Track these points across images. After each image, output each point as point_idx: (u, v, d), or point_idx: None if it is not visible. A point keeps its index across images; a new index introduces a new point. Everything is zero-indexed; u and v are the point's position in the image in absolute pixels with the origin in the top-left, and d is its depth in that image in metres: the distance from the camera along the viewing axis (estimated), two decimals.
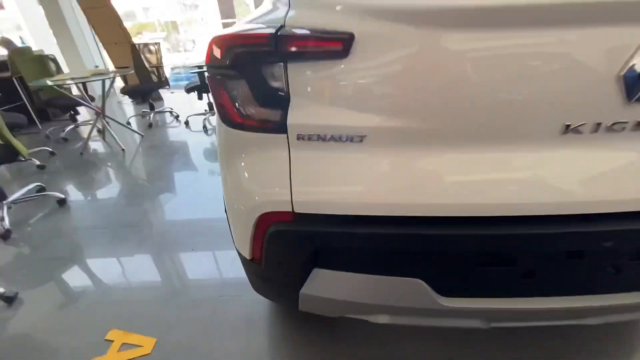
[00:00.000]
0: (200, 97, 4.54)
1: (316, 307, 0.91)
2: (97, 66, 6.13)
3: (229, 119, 0.78)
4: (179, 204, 2.53)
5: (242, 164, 0.80)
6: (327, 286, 0.83)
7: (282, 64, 0.69)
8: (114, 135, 3.84)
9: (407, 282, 0.78)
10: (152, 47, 4.85)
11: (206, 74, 0.84)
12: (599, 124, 0.61)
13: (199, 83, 4.31)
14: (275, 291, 0.93)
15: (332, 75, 0.66)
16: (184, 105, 5.50)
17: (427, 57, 0.62)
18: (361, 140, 0.68)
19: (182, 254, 1.94)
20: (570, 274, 0.76)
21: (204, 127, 4.35)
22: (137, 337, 1.42)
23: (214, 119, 1.03)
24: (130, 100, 6.12)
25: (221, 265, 1.82)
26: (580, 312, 0.80)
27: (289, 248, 0.78)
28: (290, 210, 0.73)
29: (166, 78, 4.82)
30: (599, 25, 0.56)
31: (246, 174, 0.79)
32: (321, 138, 0.70)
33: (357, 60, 0.64)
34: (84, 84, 3.92)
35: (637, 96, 0.57)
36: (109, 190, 2.87)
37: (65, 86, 3.59)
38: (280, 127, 0.71)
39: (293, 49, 0.67)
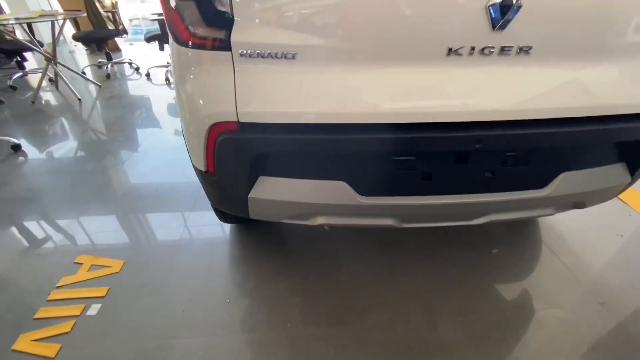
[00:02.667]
0: (161, 48, 4.35)
1: (263, 212, 1.08)
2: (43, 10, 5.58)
3: (180, 38, 0.87)
4: (146, 147, 2.56)
5: (193, 80, 0.91)
6: (270, 191, 0.99)
7: None
8: (69, 84, 3.65)
9: (334, 184, 0.96)
10: None
11: None
12: (473, 48, 0.77)
13: (159, 32, 4.12)
14: (228, 199, 1.08)
15: None
16: (144, 57, 5.24)
17: None
18: (293, 57, 0.81)
19: (147, 194, 2.03)
20: (457, 176, 0.97)
21: (167, 79, 4.22)
22: (106, 260, 1.55)
23: None
24: (84, 48, 5.71)
25: (185, 201, 1.94)
26: (468, 209, 1.03)
27: (237, 155, 0.92)
28: (236, 120, 0.86)
29: (123, 26, 4.54)
30: None
31: (197, 89, 0.91)
32: (260, 55, 0.82)
33: None
34: (29, 25, 3.63)
35: (498, 25, 0.74)
36: (68, 142, 2.81)
37: (8, 28, 3.32)
38: (226, 45, 0.83)
39: None
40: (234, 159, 0.93)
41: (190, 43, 0.87)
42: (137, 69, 4.69)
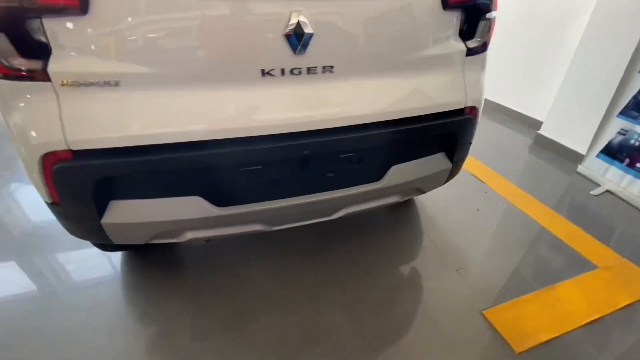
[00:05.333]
0: None
1: (124, 236, 1.07)
2: None
3: None
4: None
5: (19, 111, 0.88)
6: (124, 214, 1.00)
7: (38, 19, 0.79)
8: None
9: (188, 199, 1.01)
10: None
11: None
12: (283, 70, 0.90)
13: None
14: (82, 227, 1.05)
15: (80, 28, 0.80)
16: None
17: (156, 13, 0.81)
18: (117, 84, 0.84)
19: (24, 230, 1.83)
20: (303, 179, 1.10)
21: None
22: None
23: None
24: None
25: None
26: (320, 206, 1.16)
27: (76, 182, 0.91)
28: (67, 148, 0.86)
29: None
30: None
31: (24, 121, 0.88)
32: (83, 83, 0.84)
33: (98, 15, 0.79)
34: None
35: (298, 50, 0.88)
36: None
37: None
38: (45, 75, 0.82)
39: (41, 4, 0.78)
40: (74, 187, 0.92)
41: (8, 75, 0.84)
42: None
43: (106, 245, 1.42)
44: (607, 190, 2.24)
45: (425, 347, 1.27)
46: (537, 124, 2.92)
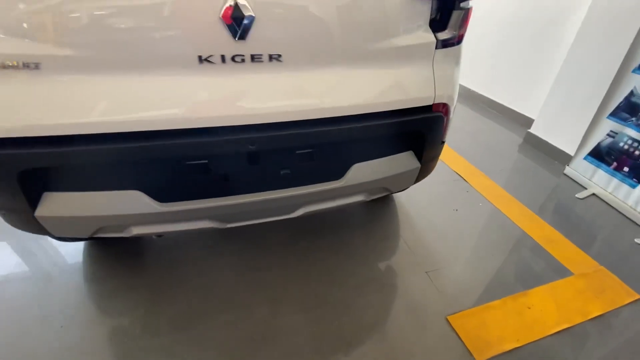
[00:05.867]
0: None
1: (64, 229, 1.02)
2: None
3: None
4: None
5: None
6: (59, 207, 0.94)
7: None
8: None
9: (128, 193, 0.95)
10: None
11: None
12: (223, 56, 0.82)
13: None
14: (17, 219, 1.00)
15: None
16: None
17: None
18: (37, 67, 0.77)
19: None
20: (254, 175, 1.04)
21: None
22: None
23: None
24: None
25: None
26: (274, 204, 1.10)
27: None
28: None
29: None
30: None
31: None
32: (3, 66, 0.76)
33: None
34: None
35: (238, 35, 0.80)
36: None
37: None
38: None
39: None
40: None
41: None
42: None
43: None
44: (593, 194, 2.17)
45: (383, 352, 1.23)
46: (529, 122, 2.83)
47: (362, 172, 1.14)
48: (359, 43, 0.94)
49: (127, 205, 0.96)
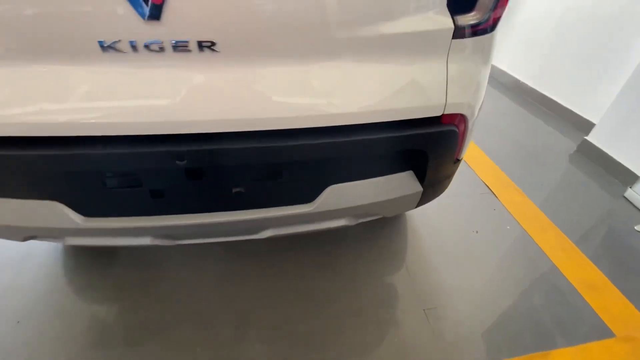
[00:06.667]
0: None
1: None
2: None
3: None
4: None
5: None
6: None
7: None
8: None
9: (45, 204, 0.79)
10: None
11: None
12: (133, 43, 0.60)
13: None
14: None
15: None
16: None
17: None
18: None
19: None
20: (198, 193, 0.83)
21: None
22: None
23: None
24: None
25: None
26: (229, 227, 0.90)
27: None
28: None
29: None
30: None
31: None
32: None
33: None
34: None
35: (147, 13, 0.56)
36: None
37: None
38: None
39: None
40: None
41: None
42: None
43: None
44: None
45: None
46: (588, 127, 2.35)
47: (339, 195, 0.90)
48: (330, 28, 0.67)
49: (43, 217, 0.80)
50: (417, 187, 0.98)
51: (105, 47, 0.60)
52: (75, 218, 0.80)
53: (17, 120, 0.65)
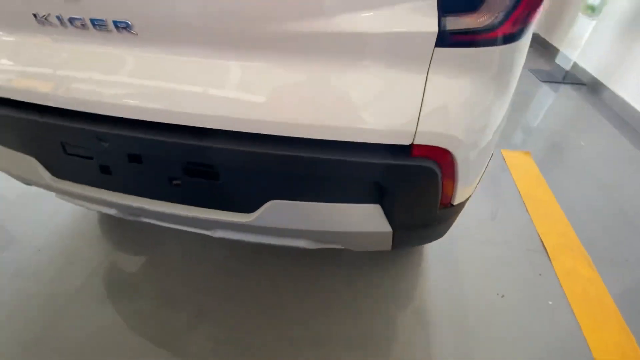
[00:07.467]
0: None
1: None
2: None
3: None
4: None
5: None
6: None
7: None
8: None
9: (22, 157, 0.88)
10: None
11: None
12: (60, 17, 0.59)
13: None
14: None
15: None
16: None
17: None
18: None
19: None
20: (139, 176, 0.81)
21: None
22: None
23: None
24: None
25: None
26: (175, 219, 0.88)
27: None
28: None
29: None
30: None
31: None
32: None
33: None
34: None
35: None
36: None
37: None
38: None
39: None
40: None
41: None
42: None
43: None
44: None
45: None
46: None
47: (284, 212, 0.78)
48: (262, 20, 0.56)
49: (21, 168, 0.90)
50: (385, 227, 0.80)
51: (39, 19, 0.62)
52: (44, 175, 0.88)
53: None
